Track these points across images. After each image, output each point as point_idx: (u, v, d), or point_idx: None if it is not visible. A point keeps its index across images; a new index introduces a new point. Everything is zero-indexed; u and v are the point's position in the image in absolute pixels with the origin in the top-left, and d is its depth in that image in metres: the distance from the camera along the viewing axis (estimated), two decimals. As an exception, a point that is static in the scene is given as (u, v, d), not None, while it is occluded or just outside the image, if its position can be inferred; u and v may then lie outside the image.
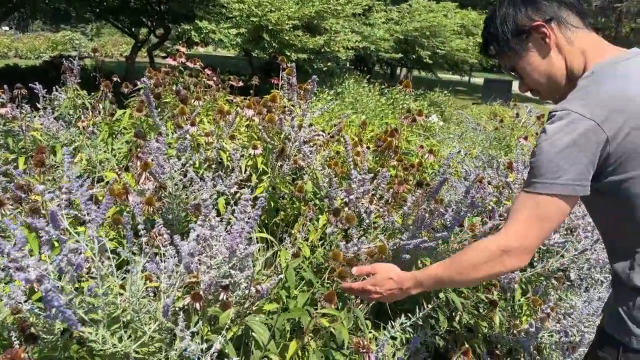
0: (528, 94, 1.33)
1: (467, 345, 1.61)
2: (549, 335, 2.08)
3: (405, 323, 1.96)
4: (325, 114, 4.23)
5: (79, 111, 3.02)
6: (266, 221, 2.32)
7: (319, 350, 1.29)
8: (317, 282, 1.53)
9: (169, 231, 1.35)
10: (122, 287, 1.23)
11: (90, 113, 2.76)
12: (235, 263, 1.37)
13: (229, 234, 1.34)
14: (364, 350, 1.37)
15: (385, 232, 2.02)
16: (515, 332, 2.17)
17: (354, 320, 1.64)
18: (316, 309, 1.49)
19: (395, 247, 1.77)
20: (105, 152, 2.62)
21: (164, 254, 1.25)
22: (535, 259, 2.54)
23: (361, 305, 1.84)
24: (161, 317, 1.05)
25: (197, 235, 1.27)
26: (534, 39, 1.19)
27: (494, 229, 2.24)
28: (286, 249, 1.61)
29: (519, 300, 2.28)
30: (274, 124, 2.24)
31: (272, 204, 2.34)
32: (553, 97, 1.23)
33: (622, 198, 1.09)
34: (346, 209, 2.01)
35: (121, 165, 2.40)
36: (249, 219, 1.34)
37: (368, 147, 2.74)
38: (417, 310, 2.05)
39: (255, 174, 2.33)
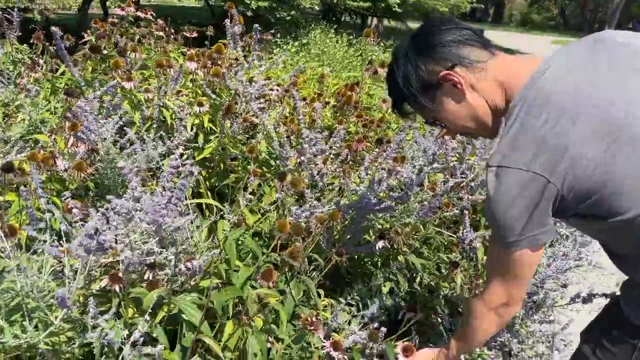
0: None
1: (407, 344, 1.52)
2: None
3: (363, 289, 1.87)
4: (289, 66, 4.01)
5: (19, 67, 2.77)
6: (216, 184, 2.17)
7: (260, 331, 1.18)
8: (263, 255, 1.40)
9: (79, 204, 1.19)
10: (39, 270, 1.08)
11: (31, 69, 2.52)
12: (166, 237, 1.23)
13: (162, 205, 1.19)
14: (312, 328, 1.26)
15: (342, 194, 1.89)
16: (477, 292, 2.11)
17: (304, 291, 1.53)
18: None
19: (350, 210, 1.65)
20: (48, 110, 2.40)
21: (71, 231, 1.09)
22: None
23: (314, 272, 1.74)
24: (61, 305, 0.91)
25: (114, 208, 1.11)
26: (445, 89, 1.12)
27: (455, 187, 2.14)
28: (226, 218, 1.46)
29: (482, 259, 2.22)
30: (221, 78, 2.05)
31: (222, 166, 2.18)
32: (485, 135, 1.18)
33: (597, 218, 1.02)
34: (305, 170, 1.87)
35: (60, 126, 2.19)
36: (175, 188, 1.19)
37: (327, 103, 2.58)
38: (375, 274, 1.96)
39: (202, 133, 2.15)
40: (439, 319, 2.06)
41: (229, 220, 1.46)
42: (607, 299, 1.80)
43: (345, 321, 1.73)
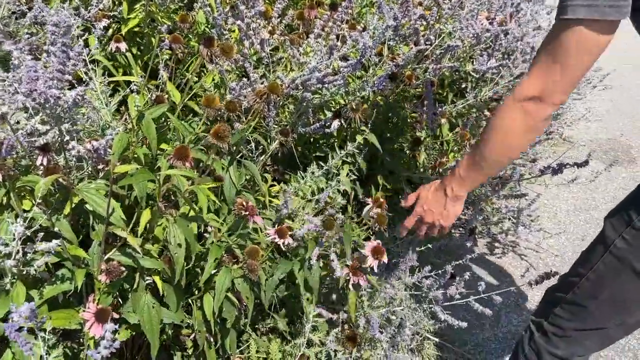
0: None
1: (378, 195, 1.38)
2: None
3: (317, 172, 1.71)
4: None
5: None
6: (146, 59, 1.90)
7: (186, 219, 1.01)
8: (191, 133, 1.20)
9: None
10: None
11: None
12: (62, 114, 1.00)
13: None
14: (247, 213, 1.10)
15: (288, 69, 1.65)
16: (441, 170, 1.98)
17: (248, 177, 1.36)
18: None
19: (293, 83, 1.43)
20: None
21: None
22: (467, 88, 2.29)
23: (262, 156, 1.56)
24: None
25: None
26: None
27: (420, 56, 1.92)
28: (142, 93, 1.23)
29: (447, 136, 2.07)
30: None
31: (153, 40, 1.89)
32: None
33: None
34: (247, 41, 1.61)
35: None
36: (63, 52, 0.94)
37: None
38: (332, 156, 1.80)
39: (126, 2, 1.83)
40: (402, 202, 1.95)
41: (150, 96, 1.24)
42: (579, 168, 1.69)
43: (299, 207, 1.59)
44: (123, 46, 1.73)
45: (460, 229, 2.10)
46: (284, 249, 1.26)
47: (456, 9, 1.86)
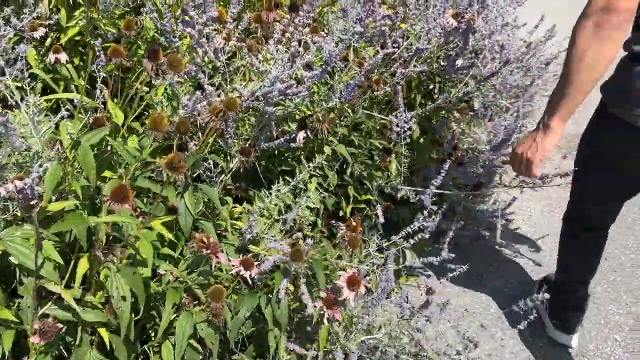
0: None
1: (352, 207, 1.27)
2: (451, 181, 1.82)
3: (284, 189, 1.59)
4: None
5: None
6: (89, 71, 1.73)
7: (133, 265, 0.87)
8: (137, 160, 1.06)
9: None
10: None
11: None
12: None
13: None
14: (209, 252, 0.97)
15: (247, 78, 1.52)
16: (414, 179, 1.89)
17: (205, 201, 1.22)
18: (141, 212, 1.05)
19: (253, 96, 1.30)
20: None
21: None
22: (435, 90, 2.20)
23: (222, 176, 1.42)
24: None
25: None
26: None
27: (388, 59, 1.82)
28: (79, 115, 1.08)
29: (419, 142, 1.98)
30: None
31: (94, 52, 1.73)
32: None
33: None
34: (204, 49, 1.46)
35: None
36: None
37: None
38: (299, 170, 1.67)
39: (64, 8, 1.66)
40: (374, 213, 1.85)
41: (90, 119, 1.09)
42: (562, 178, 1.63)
43: (265, 229, 1.46)
44: (63, 57, 1.56)
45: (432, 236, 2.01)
46: (250, 282, 1.14)
47: (422, 9, 1.76)
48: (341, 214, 1.90)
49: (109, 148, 1.08)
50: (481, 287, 1.97)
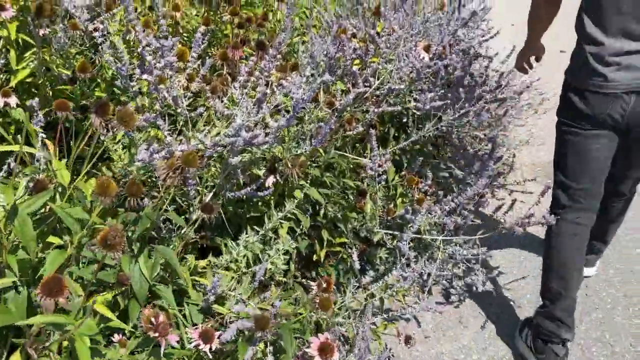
0: None
1: (327, 278, 1.19)
2: (427, 219, 1.75)
3: (252, 238, 1.49)
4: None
5: None
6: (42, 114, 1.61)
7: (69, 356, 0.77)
8: (82, 229, 0.96)
9: None
10: None
11: None
12: None
13: None
14: (157, 334, 0.87)
15: (211, 123, 1.43)
16: (390, 218, 1.82)
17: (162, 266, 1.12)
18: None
19: (216, 145, 1.21)
20: None
21: None
22: (409, 123, 2.14)
23: (184, 230, 1.31)
24: None
25: None
26: None
27: (360, 99, 1.76)
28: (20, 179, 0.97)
29: (393, 180, 1.91)
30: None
31: (51, 94, 1.62)
32: None
33: None
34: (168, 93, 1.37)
35: None
36: None
37: (194, -3, 2.01)
38: (269, 215, 1.58)
39: (13, 49, 1.55)
40: (350, 257, 1.77)
41: (29, 181, 0.98)
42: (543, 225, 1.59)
43: (231, 285, 1.36)
44: (13, 101, 1.44)
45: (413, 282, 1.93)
46: (210, 355, 1.03)
47: (393, 46, 1.71)
48: (315, 257, 1.81)
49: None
50: (462, 330, 1.90)
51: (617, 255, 2.29)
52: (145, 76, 1.24)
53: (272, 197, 1.61)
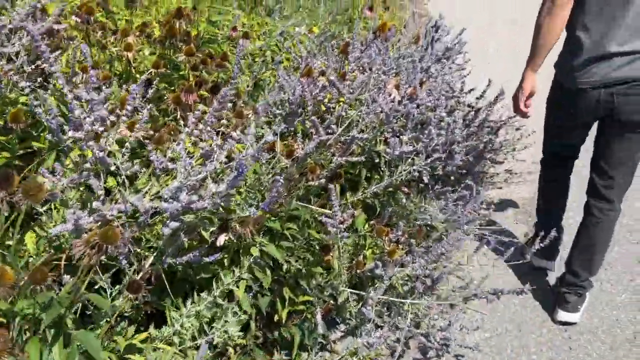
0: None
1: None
2: (398, 274, 1.62)
3: (199, 305, 1.35)
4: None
5: None
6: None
7: None
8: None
9: None
10: None
11: None
12: None
13: None
14: None
15: (151, 182, 1.30)
16: (359, 272, 1.68)
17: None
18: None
19: (147, 214, 1.07)
20: None
21: None
22: (381, 163, 2.03)
23: (117, 302, 1.16)
24: None
25: None
26: None
27: (322, 146, 1.63)
28: None
29: (363, 230, 1.78)
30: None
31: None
32: None
33: None
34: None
35: None
36: None
37: (148, 37, 1.89)
38: (223, 275, 1.45)
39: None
40: (314, 316, 1.62)
41: None
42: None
43: (174, 362, 1.21)
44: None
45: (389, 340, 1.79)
46: None
47: (357, 90, 1.60)
48: (277, 317, 1.67)
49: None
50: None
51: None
52: (71, 132, 1.11)
53: (226, 256, 1.47)
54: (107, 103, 1.19)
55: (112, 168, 1.19)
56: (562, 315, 2.04)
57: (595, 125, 2.00)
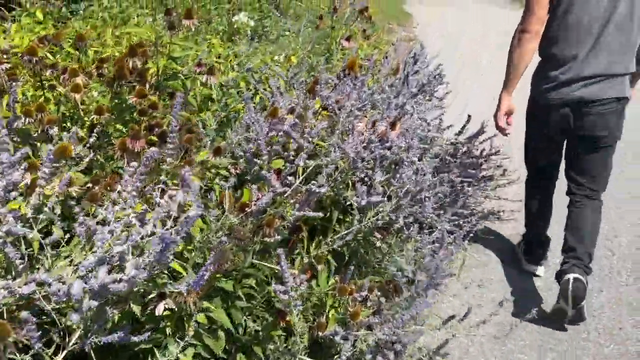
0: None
1: None
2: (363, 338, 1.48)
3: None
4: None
5: None
6: None
7: None
8: None
9: None
10: None
11: None
12: None
13: None
14: None
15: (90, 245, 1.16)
16: (320, 335, 1.54)
17: None
18: None
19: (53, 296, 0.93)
20: None
21: None
22: (352, 210, 1.89)
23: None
24: None
25: None
26: None
27: (282, 197, 1.50)
28: None
29: (325, 287, 1.64)
30: None
31: None
32: None
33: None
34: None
35: None
36: None
37: (100, 76, 1.77)
38: (167, 343, 1.30)
39: None
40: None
41: None
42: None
43: None
44: None
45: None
46: None
47: (316, 137, 1.48)
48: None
49: None
50: None
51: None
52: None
53: (169, 325, 1.32)
54: (24, 164, 1.05)
55: (30, 236, 1.05)
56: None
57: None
